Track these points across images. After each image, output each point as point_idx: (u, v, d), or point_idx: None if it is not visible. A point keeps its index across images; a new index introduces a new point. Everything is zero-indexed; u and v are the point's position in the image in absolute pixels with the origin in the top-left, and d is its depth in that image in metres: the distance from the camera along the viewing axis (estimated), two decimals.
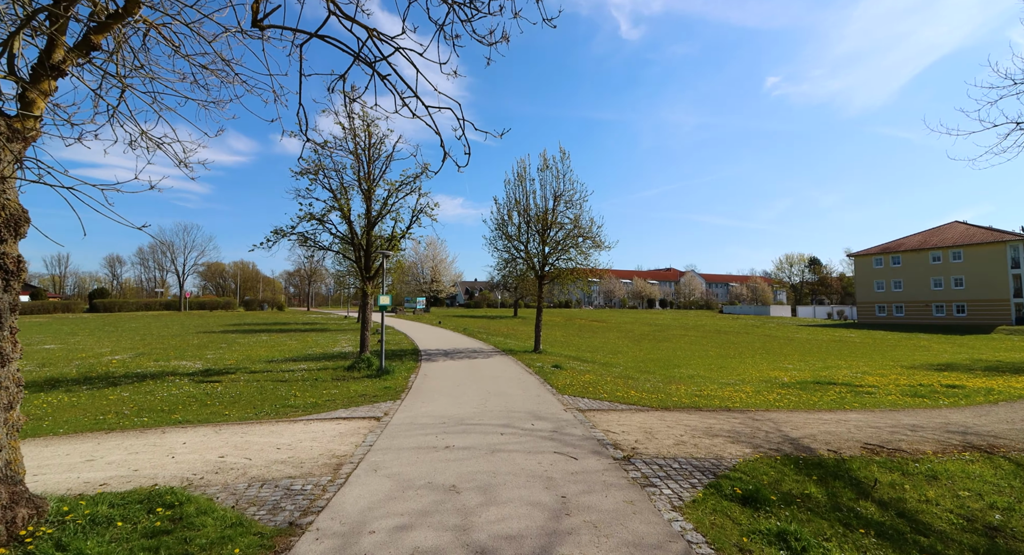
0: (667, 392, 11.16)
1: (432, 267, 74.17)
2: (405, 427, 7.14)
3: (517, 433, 6.71)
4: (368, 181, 13.69)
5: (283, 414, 8.16)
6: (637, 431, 6.98)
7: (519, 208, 19.42)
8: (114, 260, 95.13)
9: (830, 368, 20.44)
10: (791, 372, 18.84)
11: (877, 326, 54.61)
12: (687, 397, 10.49)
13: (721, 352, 28.19)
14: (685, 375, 17.77)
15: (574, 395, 9.90)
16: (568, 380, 11.96)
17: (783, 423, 7.72)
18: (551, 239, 19.37)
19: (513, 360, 15.99)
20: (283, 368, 13.71)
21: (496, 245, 20.05)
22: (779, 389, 13.30)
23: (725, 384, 15.19)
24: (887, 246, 60.94)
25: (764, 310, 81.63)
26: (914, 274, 57.25)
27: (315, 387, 10.74)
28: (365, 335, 13.95)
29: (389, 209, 13.95)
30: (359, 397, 9.57)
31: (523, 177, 19.29)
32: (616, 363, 19.92)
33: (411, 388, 10.61)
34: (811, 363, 22.57)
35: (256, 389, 10.36)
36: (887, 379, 16.06)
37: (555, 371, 13.55)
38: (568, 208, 19.29)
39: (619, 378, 13.91)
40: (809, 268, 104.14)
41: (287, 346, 20.69)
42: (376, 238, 14.52)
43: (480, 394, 9.81)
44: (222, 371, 13.07)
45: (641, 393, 10.62)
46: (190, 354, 17.30)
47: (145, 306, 68.78)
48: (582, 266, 19.25)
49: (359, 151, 13.59)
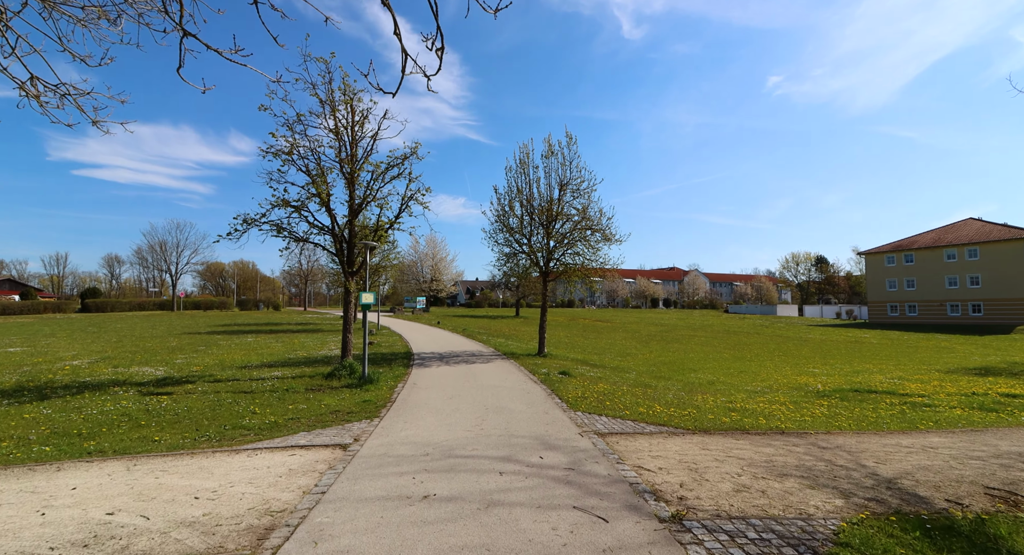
0: (695, 405, 9.51)
1: (432, 266, 72.50)
2: (376, 461, 5.49)
3: (521, 472, 5.06)
4: (351, 163, 12.04)
5: (229, 439, 6.53)
6: (679, 468, 5.33)
7: (521, 198, 17.76)
8: (112, 260, 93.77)
9: (860, 372, 18.75)
10: (820, 377, 17.17)
11: (890, 326, 52.83)
12: (721, 412, 8.85)
13: (736, 354, 26.50)
14: (705, 381, 16.12)
15: (589, 411, 8.25)
16: (579, 390, 10.31)
17: (860, 453, 6.06)
18: (556, 232, 17.70)
19: (515, 365, 14.34)
20: (254, 376, 12.08)
21: (496, 239, 18.38)
22: (818, 400, 11.64)
23: (753, 392, 13.56)
24: (899, 244, 59.13)
25: (770, 309, 79.83)
26: (928, 272, 55.44)
27: (282, 401, 9.10)
28: (348, 338, 12.30)
29: (374, 196, 12.30)
30: (330, 415, 7.93)
31: (526, 164, 17.63)
32: (627, 367, 18.26)
33: (395, 401, 8.96)
34: (837, 367, 20.88)
35: (210, 404, 8.72)
36: (931, 386, 14.37)
37: (563, 379, 11.90)
38: (575, 198, 17.63)
39: (636, 387, 12.26)
40: (816, 267, 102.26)
41: (270, 349, 19.06)
42: (361, 228, 12.87)
43: (476, 410, 8.16)
44: (182, 380, 11.44)
45: (667, 408, 8.97)
46: (158, 358, 15.67)
47: (139, 306, 67.22)
48: (590, 261, 17.57)
49: (340, 129, 11.94)
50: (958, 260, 53.07)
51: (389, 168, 12.23)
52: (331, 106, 11.86)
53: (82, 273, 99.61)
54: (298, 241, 12.10)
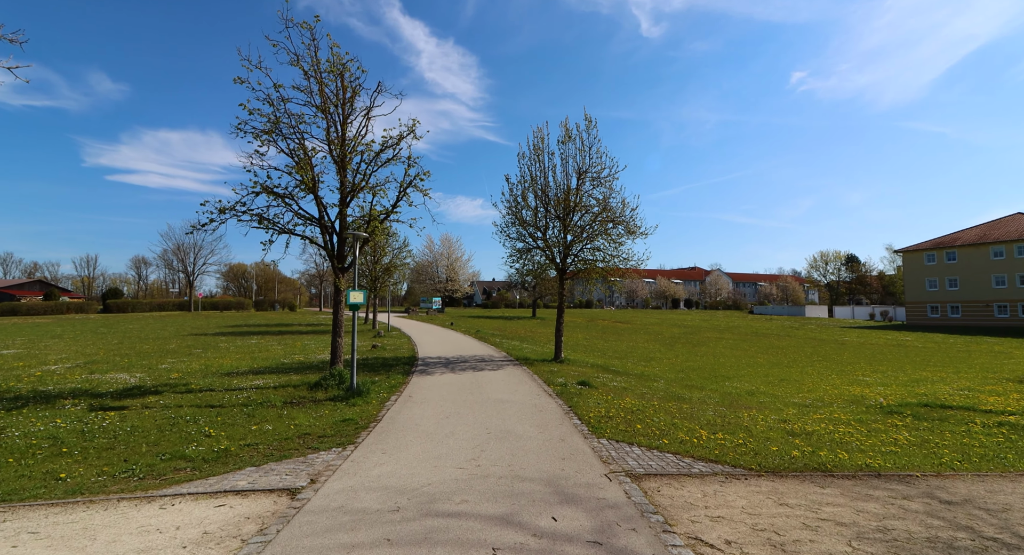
0: (744, 426, 7.78)
1: (447, 266, 71.35)
2: (325, 521, 3.96)
3: (525, 547, 3.47)
4: (341, 145, 10.60)
5: (156, 476, 5.10)
6: (755, 542, 3.66)
7: (535, 188, 16.14)
8: (140, 261, 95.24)
9: (919, 382, 16.61)
10: (874, 387, 15.13)
11: (931, 328, 49.55)
12: (779, 437, 7.11)
13: (771, 359, 24.41)
14: (744, 391, 14.26)
15: (616, 438, 6.60)
16: (602, 407, 8.66)
17: (1004, 511, 4.31)
18: (574, 225, 16.03)
19: (528, 374, 12.73)
20: (233, 385, 10.73)
21: (508, 232, 16.79)
22: (888, 418, 9.75)
23: (804, 406, 11.70)
24: (940, 241, 55.61)
25: (798, 310, 76.42)
26: (973, 271, 51.87)
27: (250, 418, 7.67)
28: (338, 343, 10.85)
29: (366, 181, 10.83)
30: (297, 439, 6.46)
31: (540, 150, 16.00)
32: (654, 374, 16.47)
33: (380, 421, 7.45)
34: (890, 375, 18.71)
35: (163, 422, 7.33)
36: (1013, 401, 12.27)
37: (582, 392, 10.24)
38: (595, 187, 15.93)
39: (667, 400, 10.53)
40: (846, 266, 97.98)
41: (268, 352, 17.83)
42: (356, 220, 11.43)
43: (475, 435, 6.59)
44: (151, 389, 10.14)
45: (711, 431, 7.26)
46: (144, 363, 14.51)
47: (159, 307, 67.66)
48: (612, 257, 15.84)
49: (328, 105, 10.51)
50: (1006, 258, 49.50)
51: (383, 149, 10.75)
52: (318, 80, 10.44)
53: (112, 274, 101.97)
54: (282, 233, 10.70)
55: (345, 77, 10.77)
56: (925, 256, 55.81)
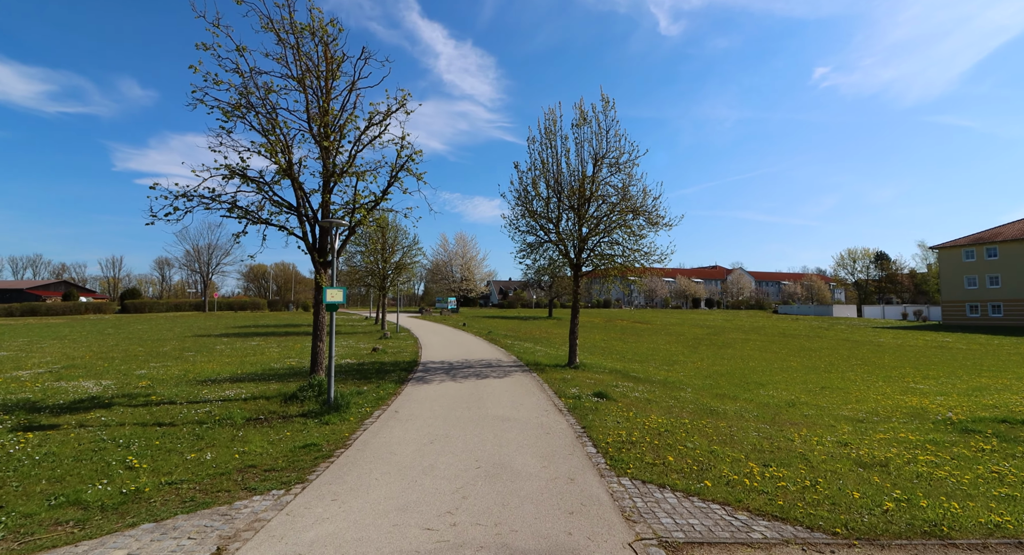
0: (798, 453, 6.20)
1: (462, 265, 70.13)
2: None
3: None
4: (322, 122, 9.27)
5: (21, 537, 3.80)
6: None
7: (548, 175, 14.64)
8: (163, 262, 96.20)
9: (980, 390, 14.65)
10: (933, 398, 13.26)
11: (970, 328, 46.53)
12: (848, 470, 5.54)
13: (804, 363, 22.48)
14: (783, 402, 12.56)
15: (642, 477, 5.09)
16: (623, 427, 7.15)
17: None
18: (590, 216, 14.50)
19: (537, 382, 11.26)
20: (201, 395, 9.48)
21: (517, 225, 15.30)
22: (969, 439, 8.02)
23: (859, 422, 10.01)
24: (980, 236, 52.33)
25: (826, 310, 73.28)
26: (1016, 268, 48.60)
27: (196, 441, 6.38)
28: (318, 348, 9.52)
29: (351, 163, 9.48)
30: (234, 474, 5.12)
31: (552, 134, 14.49)
32: (679, 381, 14.84)
33: (350, 447, 6.07)
34: (944, 382, 16.72)
35: (84, 448, 6.06)
36: None
37: (599, 406, 8.72)
38: (613, 174, 14.37)
39: (700, 416, 8.96)
40: (875, 264, 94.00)
41: (262, 356, 16.70)
42: (340, 207, 10.10)
43: (460, 471, 5.16)
44: (106, 401, 8.94)
45: (761, 464, 5.71)
46: (121, 369, 13.44)
47: (175, 307, 67.96)
48: (632, 251, 14.25)
49: (307, 77, 9.19)
50: None
51: (369, 125, 9.39)
52: (295, 48, 9.13)
53: (137, 275, 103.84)
54: (257, 223, 9.42)
55: (330, 46, 9.46)
56: (963, 252, 52.60)
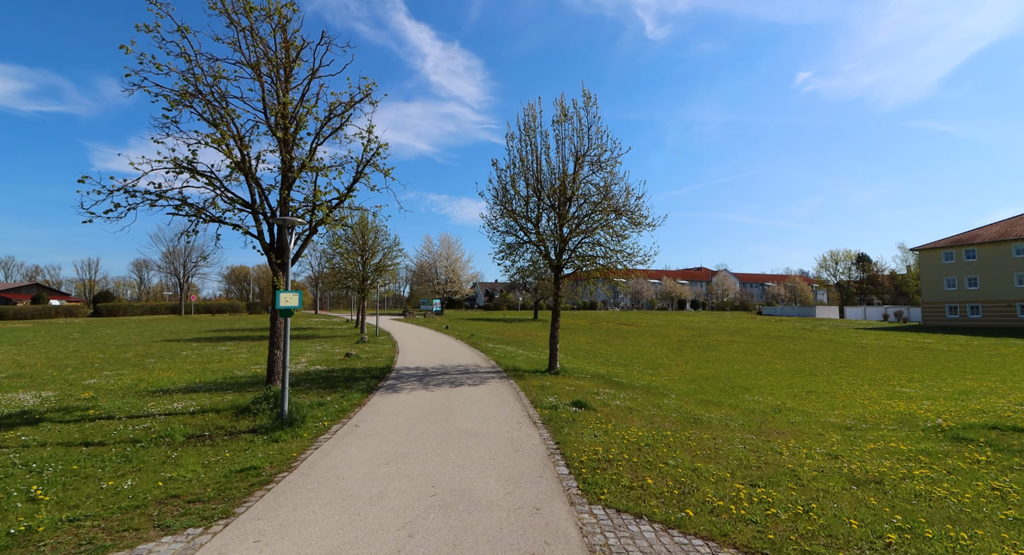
0: (790, 470, 5.73)
1: (446, 267, 69.31)
2: None
3: None
4: (281, 114, 8.60)
5: None
6: None
7: (527, 173, 14.11)
8: (141, 265, 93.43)
9: (966, 394, 14.44)
10: (921, 403, 12.98)
11: (950, 329, 47.11)
12: (842, 491, 5.08)
13: (789, 366, 22.26)
14: (769, 408, 12.17)
15: (617, 505, 4.54)
16: (600, 442, 6.61)
17: None
18: (571, 216, 13.99)
19: (514, 390, 10.68)
20: (146, 408, 8.72)
21: (496, 225, 14.73)
22: (959, 447, 7.66)
23: (847, 430, 9.65)
24: (959, 238, 53.12)
25: (809, 311, 73.98)
26: (994, 269, 49.39)
27: (122, 464, 5.68)
28: (275, 356, 8.83)
29: (312, 157, 8.82)
30: (152, 507, 4.45)
31: (532, 130, 13.97)
32: (663, 386, 14.39)
33: (295, 470, 5.44)
34: (930, 385, 16.54)
35: None
36: None
37: (576, 417, 8.18)
38: (595, 172, 13.89)
39: (684, 426, 8.47)
40: (857, 265, 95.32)
41: (228, 362, 15.87)
42: (302, 205, 9.42)
43: (413, 499, 4.57)
44: (36, 417, 8.12)
45: (750, 482, 5.23)
46: (70, 377, 12.54)
47: (151, 310, 66.00)
48: (614, 252, 13.78)
49: (261, 63, 8.52)
50: None
51: (331, 116, 8.74)
52: (250, 32, 8.46)
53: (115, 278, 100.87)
54: (210, 222, 8.71)
55: (288, 30, 8.81)
56: (943, 254, 53.35)
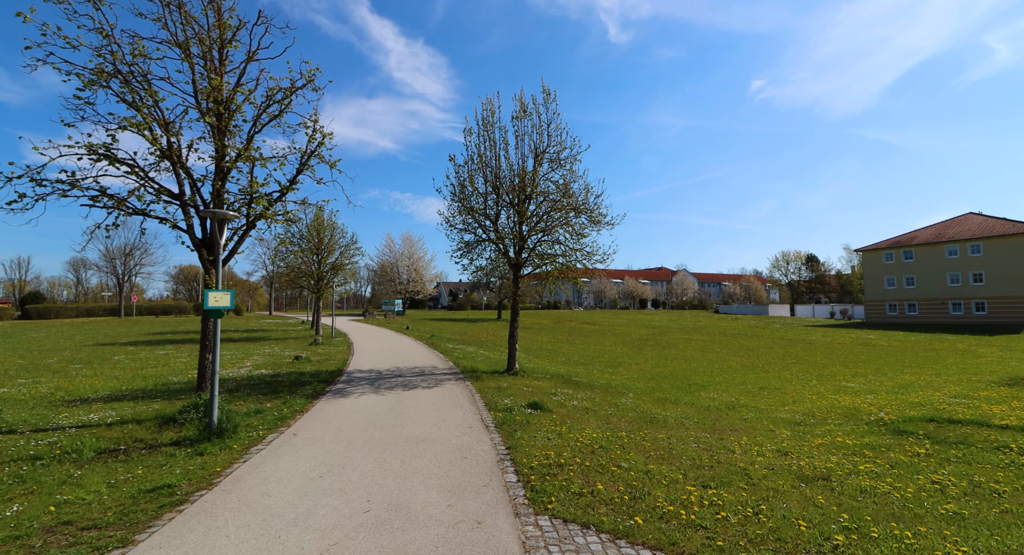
0: (742, 469, 5.67)
1: (408, 266, 68.06)
2: None
3: None
4: (214, 99, 7.94)
5: None
6: None
7: (486, 170, 13.79)
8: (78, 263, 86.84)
9: (906, 388, 15.13)
10: (864, 397, 13.48)
11: (890, 326, 50.01)
12: (791, 489, 5.04)
13: (743, 362, 22.86)
14: (723, 405, 12.33)
15: (565, 515, 4.29)
16: (553, 446, 6.38)
17: None
18: (531, 214, 13.78)
19: (469, 392, 10.35)
20: (57, 420, 7.87)
21: (454, 222, 14.34)
22: (900, 440, 7.89)
23: (797, 425, 9.83)
24: (898, 240, 56.43)
25: (762, 309, 76.99)
26: (929, 269, 52.70)
27: (17, 485, 5.01)
28: (206, 360, 8.18)
29: (249, 146, 8.20)
30: (40, 535, 3.88)
31: (490, 124, 13.66)
32: (622, 385, 14.39)
33: (215, 487, 4.93)
34: (872, 380, 17.28)
35: None
36: (1011, 408, 10.70)
37: (531, 419, 7.93)
38: (554, 169, 13.73)
39: (640, 426, 8.37)
40: (806, 265, 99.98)
41: (164, 368, 14.81)
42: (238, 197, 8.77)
43: (343, 517, 4.18)
44: None
45: (702, 483, 5.11)
46: None
47: (87, 312, 61.75)
48: (574, 250, 13.65)
49: (193, 45, 7.84)
50: (960, 256, 50.46)
51: (270, 103, 8.16)
52: (177, 7, 7.77)
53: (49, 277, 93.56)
54: (132, 214, 7.95)
55: (223, 8, 8.15)
56: (883, 255, 56.51)
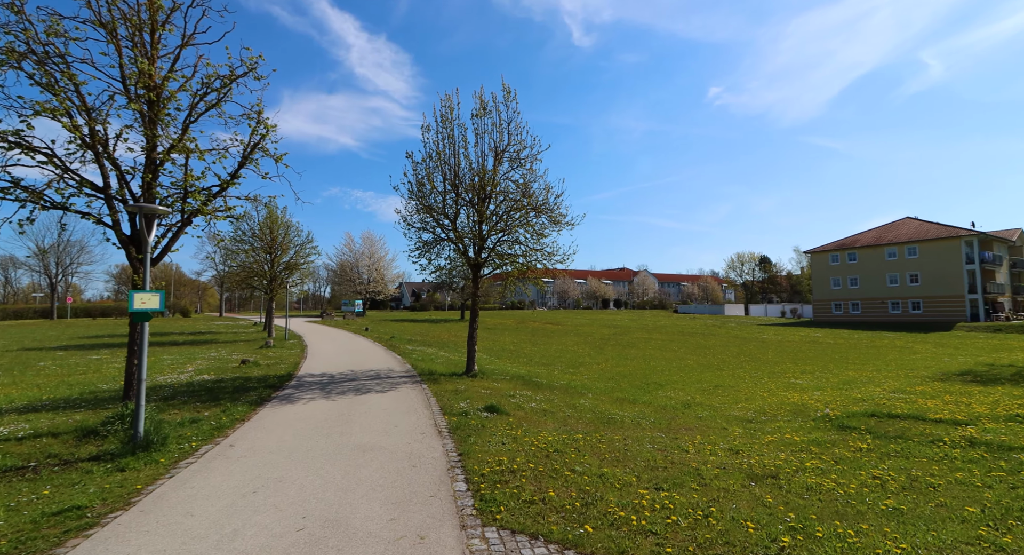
0: (694, 469, 5.66)
1: (369, 266, 66.50)
2: None
3: None
4: (145, 85, 7.33)
5: None
6: None
7: (444, 167, 13.48)
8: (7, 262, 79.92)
9: (849, 384, 15.84)
10: (811, 393, 14.01)
11: (836, 324, 52.70)
12: (741, 488, 5.06)
13: (700, 361, 23.44)
14: (680, 403, 12.51)
15: (513, 525, 4.11)
16: (507, 451, 6.20)
17: None
18: (490, 213, 13.58)
19: (425, 396, 10.04)
20: None
21: (411, 221, 13.96)
22: (844, 436, 8.16)
23: (748, 422, 10.05)
24: (843, 242, 59.51)
25: (719, 309, 79.69)
26: (870, 271, 55.82)
27: None
28: (132, 367, 7.55)
29: (184, 137, 7.63)
30: None
31: (449, 121, 13.36)
32: (581, 386, 14.40)
33: (132, 508, 4.47)
34: (817, 375, 18.03)
35: None
36: (949, 404, 11.33)
37: (487, 423, 7.73)
38: (514, 168, 13.58)
39: (596, 427, 8.32)
40: (759, 266, 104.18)
41: (93, 375, 13.74)
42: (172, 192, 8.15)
43: (275, 538, 3.85)
44: None
45: (655, 485, 5.05)
46: None
47: (15, 314, 57.32)
48: (534, 250, 13.54)
49: (117, 24, 7.21)
50: (898, 258, 53.67)
51: (207, 91, 7.61)
52: None
53: None
54: (50, 208, 7.23)
55: None
56: (830, 257, 59.43)
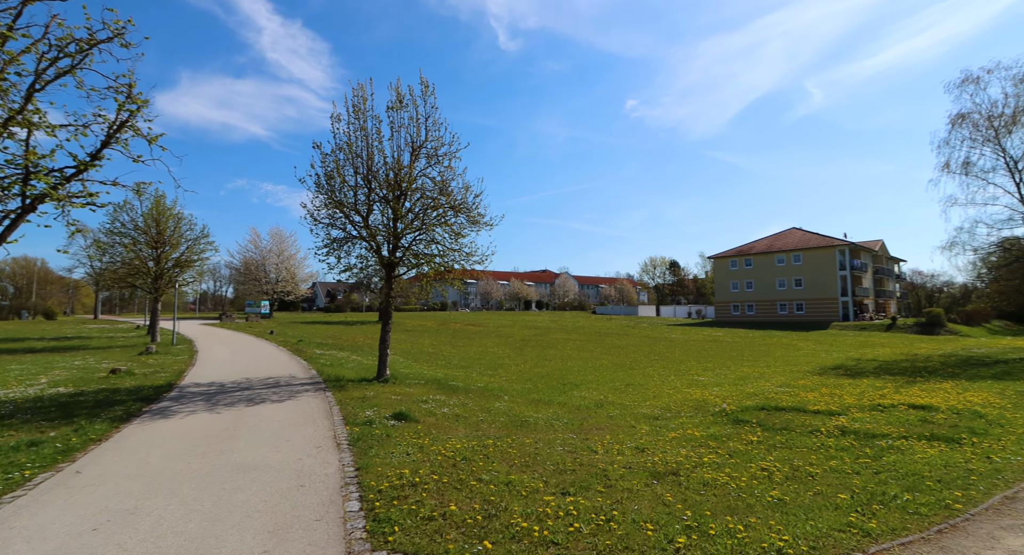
0: (601, 471, 5.66)
1: (278, 264, 62.03)
2: None
3: None
4: None
5: None
6: None
7: (356, 160, 12.71)
8: None
9: (744, 379, 17.15)
10: (710, 388, 14.96)
11: (735, 324, 57.47)
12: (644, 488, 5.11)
13: (614, 360, 24.32)
14: (592, 403, 12.78)
15: (404, 547, 3.75)
16: (410, 464, 5.80)
17: None
18: (406, 211, 13.02)
19: (327, 405, 9.30)
20: None
21: (319, 216, 13.00)
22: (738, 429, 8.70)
23: (655, 420, 10.43)
24: (741, 249, 65.16)
25: (633, 310, 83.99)
26: (763, 275, 61.60)
27: None
28: None
29: (26, 107, 6.38)
30: None
31: (362, 112, 12.62)
32: (499, 388, 14.25)
33: None
34: (717, 372, 19.37)
35: None
36: (824, 396, 12.58)
37: (392, 432, 7.25)
38: (432, 165, 13.13)
39: (509, 431, 8.15)
40: (669, 270, 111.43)
41: None
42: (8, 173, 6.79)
43: None
44: None
45: (561, 490, 4.93)
46: None
47: None
48: (451, 250, 13.18)
49: None
50: (786, 264, 59.76)
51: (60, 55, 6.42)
52: None
53: None
54: None
55: None
56: (730, 262, 64.86)
